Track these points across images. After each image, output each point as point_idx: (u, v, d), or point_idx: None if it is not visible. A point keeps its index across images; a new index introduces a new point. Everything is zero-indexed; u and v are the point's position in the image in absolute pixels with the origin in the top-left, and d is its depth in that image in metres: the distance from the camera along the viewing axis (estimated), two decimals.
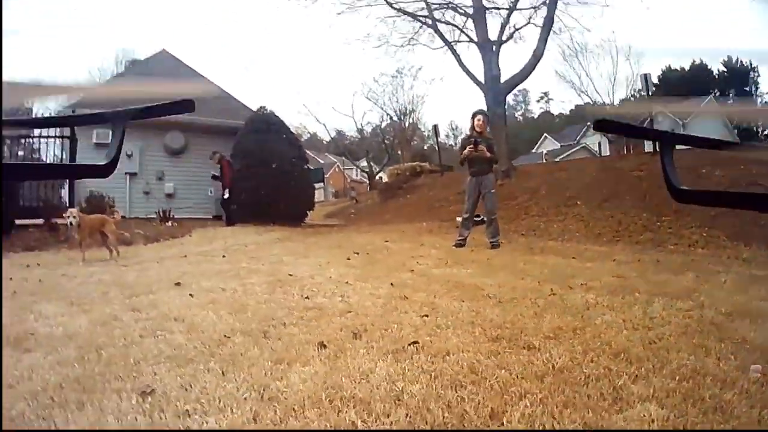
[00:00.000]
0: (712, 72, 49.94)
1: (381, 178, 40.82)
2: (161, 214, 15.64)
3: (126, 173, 17.50)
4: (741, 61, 49.72)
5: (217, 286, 5.24)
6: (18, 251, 9.31)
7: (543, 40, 19.66)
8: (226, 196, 15.97)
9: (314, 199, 18.48)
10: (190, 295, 4.75)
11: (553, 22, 19.87)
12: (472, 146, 9.29)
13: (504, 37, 20.89)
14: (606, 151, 47.59)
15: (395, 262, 7.37)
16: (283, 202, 15.92)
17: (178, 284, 5.37)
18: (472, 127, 9.72)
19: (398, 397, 2.34)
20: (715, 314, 3.89)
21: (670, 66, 50.71)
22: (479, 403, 2.27)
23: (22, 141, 14.75)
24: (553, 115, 73.99)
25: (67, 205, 13.37)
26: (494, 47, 20.13)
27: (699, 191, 1.29)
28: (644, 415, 2.18)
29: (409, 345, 3.10)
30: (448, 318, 3.80)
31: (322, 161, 58.00)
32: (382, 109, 44.58)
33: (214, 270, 6.68)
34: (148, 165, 18.09)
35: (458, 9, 21.37)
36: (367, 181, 46.50)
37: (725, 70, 50.20)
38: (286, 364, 2.81)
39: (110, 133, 1.17)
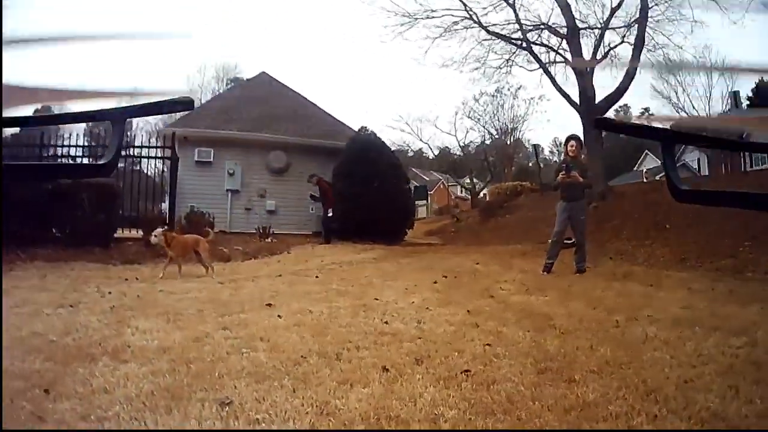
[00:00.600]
0: None
1: (484, 195, 41.12)
2: (261, 230, 16.50)
3: (227, 190, 18.72)
4: None
5: (306, 308, 5.65)
6: (117, 264, 10.11)
7: (636, 59, 19.80)
8: (330, 214, 16.63)
9: (414, 218, 19.07)
10: (279, 316, 5.18)
11: (644, 41, 19.87)
12: (564, 173, 9.36)
13: (597, 56, 21.10)
14: (705, 169, 46.78)
15: (479, 287, 7.65)
16: (382, 220, 16.54)
17: (269, 305, 5.83)
18: (566, 153, 9.91)
19: (435, 420, 2.74)
20: (764, 353, 3.98)
21: (763, 78, 48.47)
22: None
23: (126, 160, 15.97)
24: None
25: (167, 219, 14.50)
26: (587, 68, 20.26)
27: (700, 191, 1.29)
28: None
29: (462, 372, 3.45)
30: (508, 347, 4.05)
31: (426, 178, 58.83)
32: (483, 127, 45.08)
33: (305, 290, 7.16)
34: (250, 182, 19.18)
35: (552, 29, 21.70)
36: (470, 198, 46.90)
37: None
38: (349, 385, 3.17)
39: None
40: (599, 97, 19.78)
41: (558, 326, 4.87)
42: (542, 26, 21.86)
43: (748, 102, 50.61)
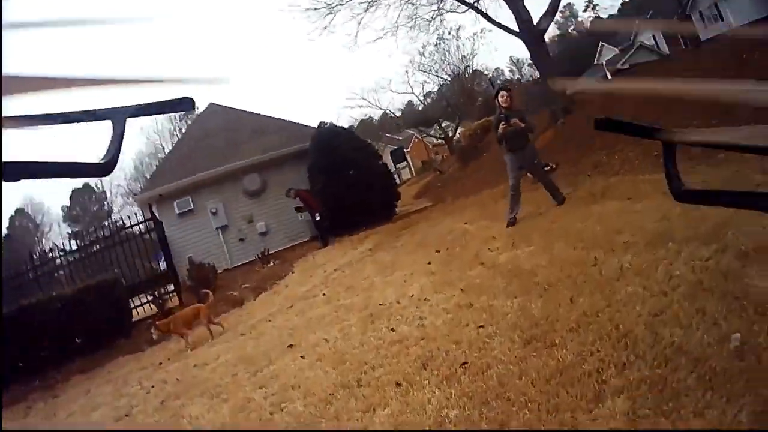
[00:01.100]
0: None
1: (458, 138, 41.27)
2: (260, 256, 16.86)
3: (217, 228, 19.04)
4: None
5: (322, 338, 6.14)
6: (145, 348, 10.25)
7: None
8: (318, 217, 16.91)
9: (397, 188, 19.35)
10: (302, 357, 5.66)
11: None
12: (504, 123, 9.28)
13: None
14: (664, 46, 46.68)
15: (470, 254, 8.00)
16: (368, 204, 16.88)
17: (290, 346, 6.31)
18: (499, 105, 9.70)
19: (441, 423, 3.17)
20: (732, 258, 4.09)
21: None
22: (493, 419, 3.03)
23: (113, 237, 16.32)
24: (604, 19, 71.36)
25: (170, 274, 14.86)
26: None
27: (701, 191, 1.27)
28: (610, 412, 2.69)
29: (460, 366, 3.86)
30: (499, 324, 4.48)
31: (400, 138, 59.13)
32: (437, 76, 45.22)
33: (317, 315, 7.61)
34: (235, 214, 19.48)
35: None
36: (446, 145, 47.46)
37: None
38: (372, 410, 3.68)
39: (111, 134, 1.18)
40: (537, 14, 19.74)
41: (542, 282, 5.22)
42: None
43: None
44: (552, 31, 73.64)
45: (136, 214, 18.26)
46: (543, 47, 19.71)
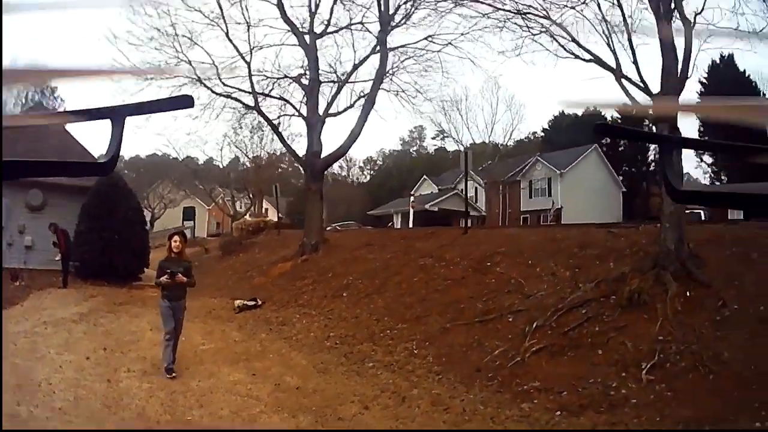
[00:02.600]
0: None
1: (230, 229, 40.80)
2: (11, 273, 18.12)
3: None
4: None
5: None
6: None
7: (362, 120, 21.77)
8: (57, 258, 18.32)
9: (148, 258, 20.85)
10: None
11: (374, 103, 21.93)
12: (168, 277, 9.40)
13: (333, 111, 22.97)
14: (482, 204, 49.23)
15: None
16: (118, 262, 18.75)
17: None
18: (169, 248, 10.02)
19: None
20: None
21: (563, 112, 55.43)
22: None
23: None
24: (448, 152, 70.76)
25: None
26: (320, 124, 22.10)
27: (697, 192, 1.31)
28: None
29: None
30: None
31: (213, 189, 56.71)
32: (247, 156, 48.19)
33: None
34: (13, 219, 20.70)
35: (298, 80, 22.89)
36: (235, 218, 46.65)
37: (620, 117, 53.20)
38: None
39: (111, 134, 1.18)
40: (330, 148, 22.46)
41: None
42: (286, 77, 23.17)
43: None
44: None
45: None
46: (318, 184, 22.66)
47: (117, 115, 1.18)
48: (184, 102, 1.20)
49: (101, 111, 1.18)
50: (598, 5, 13.93)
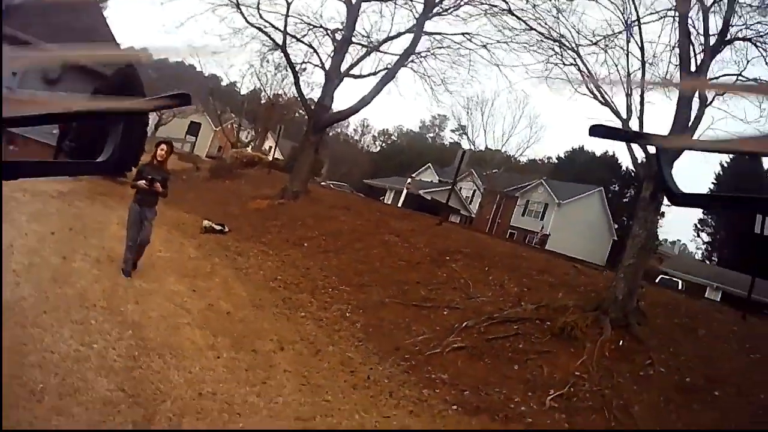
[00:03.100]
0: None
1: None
2: (11, 136, 18.22)
3: None
4: None
5: None
6: None
7: (377, 89, 21.91)
8: (55, 131, 18.90)
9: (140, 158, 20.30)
10: None
11: (394, 77, 22.13)
12: (147, 182, 9.51)
13: (356, 72, 23.03)
14: (474, 208, 49.63)
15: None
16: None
17: None
18: (154, 155, 10.07)
19: None
20: None
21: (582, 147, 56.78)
22: None
23: None
24: (461, 147, 72.97)
25: None
26: (338, 80, 22.30)
27: (696, 195, 1.21)
28: None
29: None
30: None
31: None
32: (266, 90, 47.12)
33: None
34: (23, 87, 19.44)
35: (329, 33, 23.02)
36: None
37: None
38: None
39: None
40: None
41: None
42: (319, 27, 23.10)
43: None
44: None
45: None
46: (317, 136, 22.80)
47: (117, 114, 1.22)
48: (181, 99, 1.18)
49: (100, 110, 1.20)
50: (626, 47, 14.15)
